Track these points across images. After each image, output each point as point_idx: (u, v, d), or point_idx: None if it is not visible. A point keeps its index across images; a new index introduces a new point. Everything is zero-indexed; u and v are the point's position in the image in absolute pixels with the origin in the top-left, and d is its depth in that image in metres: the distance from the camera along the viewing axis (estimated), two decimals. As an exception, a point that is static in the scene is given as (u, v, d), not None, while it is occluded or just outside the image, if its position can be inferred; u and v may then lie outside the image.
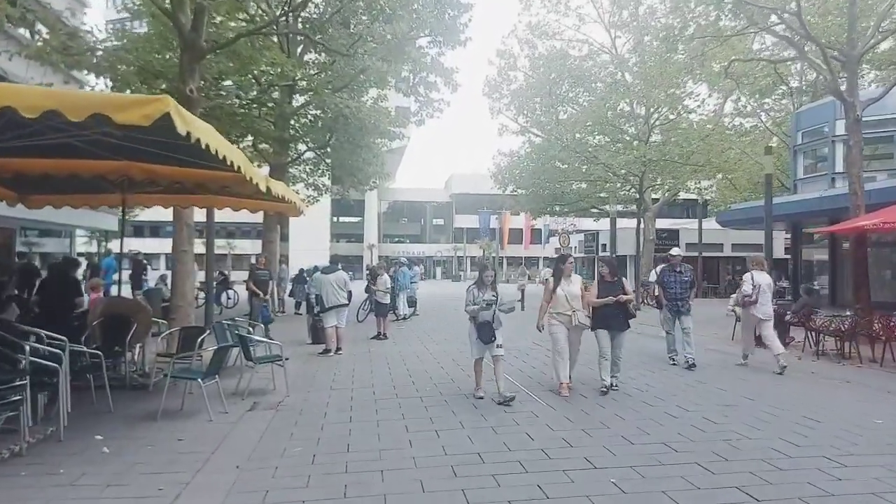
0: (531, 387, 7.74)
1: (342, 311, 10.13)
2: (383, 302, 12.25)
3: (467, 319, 7.15)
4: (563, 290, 7.21)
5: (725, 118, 26.39)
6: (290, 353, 10.13)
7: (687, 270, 9.11)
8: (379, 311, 12.31)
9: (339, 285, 10.09)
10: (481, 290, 6.90)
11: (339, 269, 10.51)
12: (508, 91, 26.60)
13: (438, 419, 5.98)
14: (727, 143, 19.14)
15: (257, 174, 6.06)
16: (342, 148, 17.73)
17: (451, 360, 9.48)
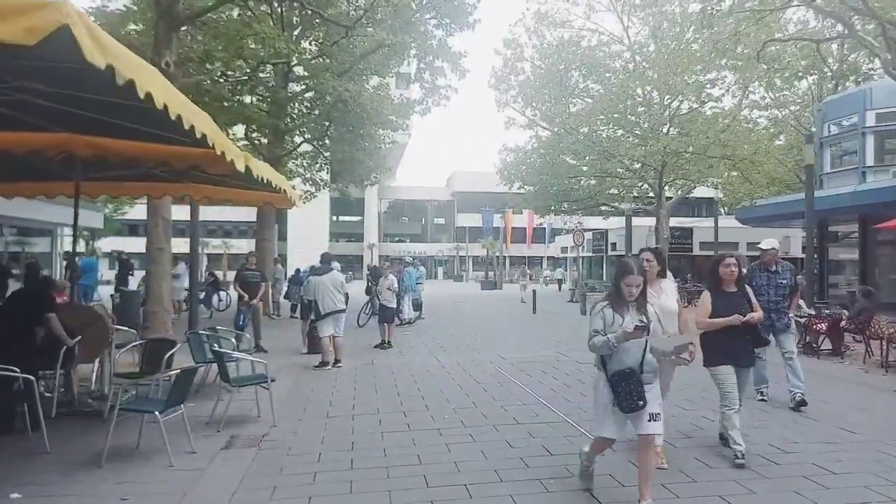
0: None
1: (340, 317, 8.84)
2: (389, 306, 10.94)
3: (483, 326, 5.67)
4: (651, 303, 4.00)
5: (744, 110, 25.11)
6: (283, 366, 8.87)
7: (785, 270, 6.72)
8: (384, 316, 11.00)
9: (335, 287, 8.80)
10: (621, 308, 3.74)
11: (334, 268, 9.20)
12: (516, 82, 25.30)
13: (467, 467, 4.59)
14: (749, 135, 17.81)
15: (233, 149, 4.77)
16: (342, 139, 16.45)
17: (467, 375, 8.17)
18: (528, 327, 14.70)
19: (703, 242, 30.47)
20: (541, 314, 18.89)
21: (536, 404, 6.45)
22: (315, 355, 9.32)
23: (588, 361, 8.93)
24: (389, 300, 10.90)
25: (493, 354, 9.79)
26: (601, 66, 22.01)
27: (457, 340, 11.86)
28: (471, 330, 13.94)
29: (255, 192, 7.74)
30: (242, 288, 10.27)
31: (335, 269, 9.14)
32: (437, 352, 10.28)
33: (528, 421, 5.77)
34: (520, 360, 9.13)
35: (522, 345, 11.12)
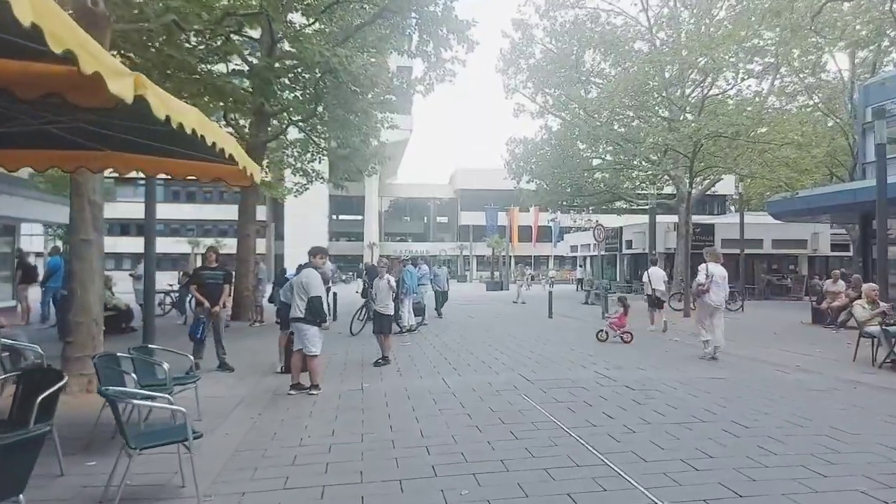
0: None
1: (301, 330, 6.85)
2: (385, 314, 8.92)
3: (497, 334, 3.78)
4: None
5: (770, 99, 23.03)
6: (247, 393, 6.90)
7: None
8: (379, 325, 8.97)
9: (298, 292, 6.85)
10: None
11: (321, 266, 7.19)
12: (526, 65, 23.27)
13: None
14: (792, 118, 15.76)
15: (163, 95, 2.83)
16: (334, 121, 14.48)
17: (486, 409, 6.13)
18: (547, 335, 12.68)
19: (725, 240, 28.41)
20: (557, 319, 16.87)
21: (599, 467, 4.41)
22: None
23: (646, 386, 6.95)
24: (385, 306, 8.89)
25: (513, 375, 7.79)
26: (622, 42, 19.92)
27: (466, 354, 9.84)
28: (481, 340, 11.93)
29: (200, 164, 5.78)
30: (200, 291, 8.26)
31: (317, 267, 7.13)
32: (444, 370, 8.27)
33: (584, 491, 3.76)
34: (550, 384, 7.12)
35: (547, 360, 9.10)
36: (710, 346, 9.35)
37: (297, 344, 6.94)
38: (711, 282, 9.38)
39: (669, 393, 6.67)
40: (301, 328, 6.82)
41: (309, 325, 6.81)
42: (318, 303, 6.81)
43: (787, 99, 25.35)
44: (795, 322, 15.97)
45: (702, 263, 9.76)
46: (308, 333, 6.83)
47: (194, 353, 8.23)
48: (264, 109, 15.23)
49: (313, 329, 6.85)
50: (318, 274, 7.03)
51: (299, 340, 6.90)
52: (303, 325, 6.81)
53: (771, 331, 13.88)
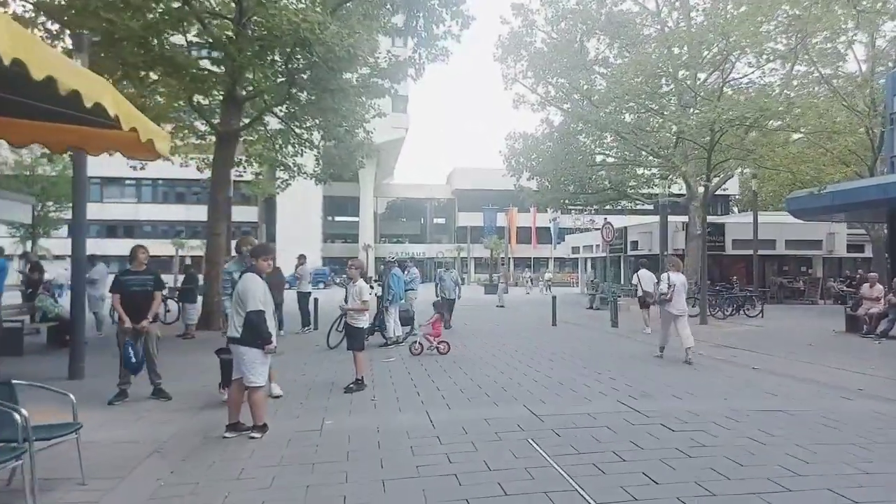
0: None
1: (238, 354, 5.23)
2: (356, 326, 7.28)
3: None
4: None
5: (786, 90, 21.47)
6: (179, 427, 5.31)
7: None
8: (350, 340, 7.35)
9: (235, 304, 5.24)
10: None
11: (257, 269, 5.55)
12: (526, 52, 21.68)
13: None
14: (819, 104, 14.15)
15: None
16: (312, 105, 12.90)
17: (481, 464, 4.48)
18: (553, 349, 11.08)
19: (736, 240, 26.86)
20: (563, 327, 15.26)
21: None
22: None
23: (689, 425, 5.33)
24: (357, 318, 7.25)
25: (517, 407, 6.16)
26: (631, 25, 18.33)
27: (459, 375, 8.22)
28: (478, 355, 10.32)
29: (84, 128, 4.19)
30: (125, 303, 6.61)
31: (261, 273, 5.49)
32: (430, 399, 6.63)
33: None
34: (565, 423, 5.49)
35: (557, 384, 7.48)
36: (658, 349, 9.97)
37: (237, 371, 5.33)
38: (674, 290, 9.60)
39: (723, 437, 5.06)
40: (238, 351, 5.20)
41: (247, 347, 5.20)
42: (257, 320, 5.20)
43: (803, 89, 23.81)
44: (826, 330, 14.38)
45: (664, 273, 10.10)
46: (246, 358, 5.20)
47: (121, 378, 6.66)
48: (236, 94, 13.66)
49: (253, 353, 5.22)
50: (262, 281, 5.41)
51: (240, 367, 5.29)
52: (240, 347, 5.19)
53: (803, 341, 12.30)
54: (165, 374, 7.02)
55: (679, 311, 9.67)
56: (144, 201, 53.81)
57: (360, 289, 7.23)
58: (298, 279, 13.91)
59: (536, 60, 21.58)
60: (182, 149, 18.13)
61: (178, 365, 8.16)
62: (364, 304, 7.18)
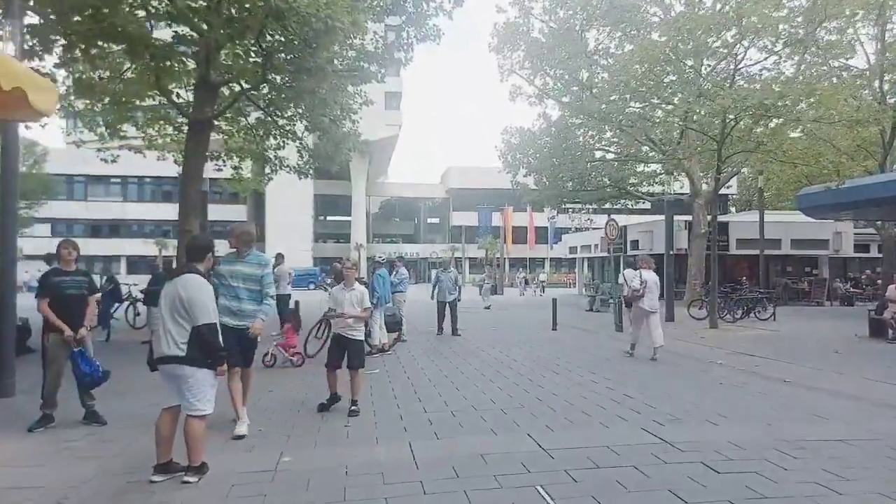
0: None
1: (180, 377, 4.05)
2: (356, 338, 5.98)
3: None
4: None
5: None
6: (102, 464, 4.19)
7: None
8: (351, 357, 5.97)
9: (172, 312, 4.09)
10: None
11: (204, 269, 4.42)
12: (524, 42, 20.62)
13: None
14: (838, 95, 13.12)
15: None
16: (289, 87, 11.79)
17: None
18: (557, 357, 10.02)
19: (740, 239, 25.89)
20: (564, 332, 14.20)
21: None
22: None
23: (736, 464, 4.19)
24: (356, 327, 6.06)
25: (519, 437, 5.05)
26: (636, 9, 17.27)
27: (450, 392, 7.12)
28: (472, 366, 9.23)
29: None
30: (56, 308, 5.48)
31: (206, 274, 4.39)
32: (413, 425, 5.52)
33: None
34: (582, 462, 4.39)
35: (567, 405, 6.39)
36: (629, 346, 10.00)
37: (170, 397, 4.21)
38: (645, 287, 9.77)
39: (785, 483, 3.97)
40: (181, 373, 4.07)
41: (195, 366, 4.08)
42: (211, 334, 4.10)
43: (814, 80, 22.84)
44: (847, 335, 13.40)
45: (630, 269, 10.55)
46: (193, 381, 4.07)
47: (45, 401, 5.59)
48: (209, 78, 12.52)
49: (202, 373, 4.11)
50: (209, 285, 4.30)
51: (174, 391, 4.16)
52: (184, 367, 4.07)
53: (827, 348, 11.29)
54: (110, 389, 5.94)
55: (651, 307, 9.80)
56: (130, 200, 52.39)
57: (362, 294, 6.10)
58: (276, 280, 12.75)
59: (534, 50, 20.54)
60: (157, 143, 16.98)
61: (126, 379, 7.01)
62: (366, 312, 6.16)
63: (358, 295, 6.04)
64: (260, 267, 5.40)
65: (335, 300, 6.10)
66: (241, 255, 5.43)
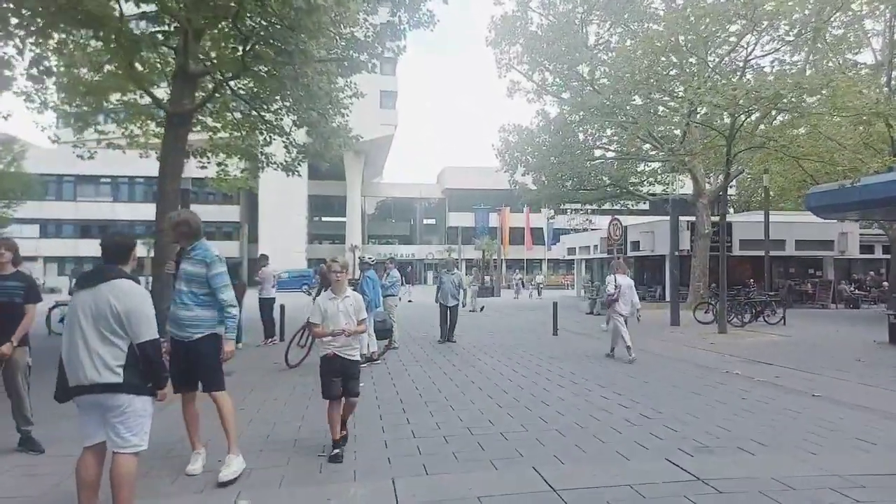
0: None
1: (113, 407, 3.23)
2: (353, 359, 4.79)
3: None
4: None
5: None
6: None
7: None
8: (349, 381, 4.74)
9: (97, 325, 3.24)
10: None
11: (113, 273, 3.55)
12: (522, 34, 19.89)
13: None
14: (853, 87, 12.41)
15: None
16: (272, 76, 11.03)
17: None
18: (561, 366, 9.27)
19: (743, 240, 25.18)
20: (565, 336, 13.45)
21: None
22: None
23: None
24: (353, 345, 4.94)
25: (524, 472, 4.25)
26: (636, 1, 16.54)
27: (443, 411, 6.34)
28: (468, 377, 8.46)
29: None
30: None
31: (117, 276, 3.61)
32: (402, 456, 4.72)
33: None
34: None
35: (576, 426, 5.63)
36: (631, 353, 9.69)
37: (93, 433, 3.40)
38: (619, 292, 9.95)
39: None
40: (115, 403, 3.24)
41: (133, 394, 3.30)
42: (155, 353, 3.33)
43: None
44: (864, 341, 12.71)
45: (610, 276, 10.56)
46: (129, 411, 3.26)
47: (17, 422, 4.91)
48: (188, 68, 11.74)
49: (140, 402, 3.32)
50: (146, 292, 3.51)
51: (98, 424, 3.36)
52: (118, 396, 3.26)
53: (847, 356, 10.59)
54: (55, 408, 5.11)
55: (625, 312, 9.97)
56: (121, 200, 51.37)
57: (357, 302, 4.83)
58: (261, 282, 11.99)
59: (532, 44, 19.82)
60: (139, 141, 16.17)
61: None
62: (363, 325, 4.91)
63: (353, 304, 4.77)
64: (203, 265, 4.28)
65: (324, 313, 4.69)
66: (186, 252, 4.45)
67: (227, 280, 4.36)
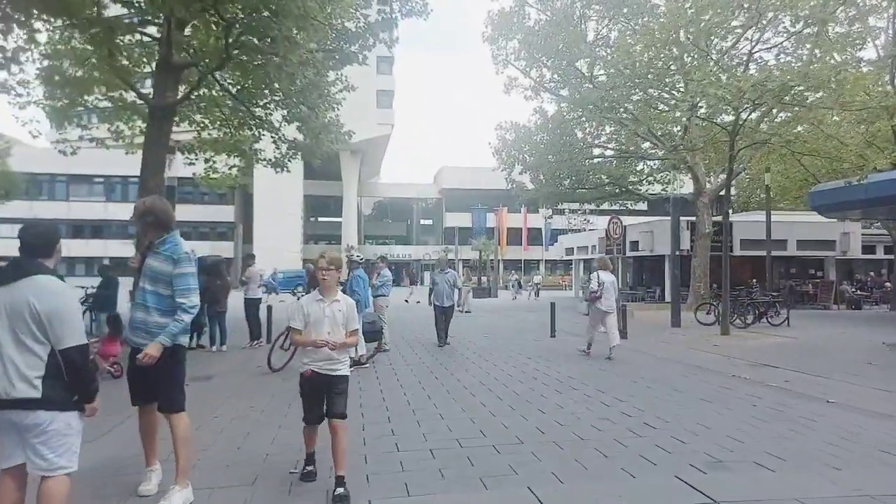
0: None
1: (32, 427, 2.75)
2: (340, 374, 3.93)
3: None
4: None
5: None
6: None
7: None
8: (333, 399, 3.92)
9: (16, 330, 2.75)
10: None
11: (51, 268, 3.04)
12: (519, 29, 19.46)
13: None
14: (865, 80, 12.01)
15: None
16: (257, 67, 10.58)
17: None
18: (559, 371, 8.82)
19: (744, 240, 24.76)
20: (563, 339, 13.00)
21: None
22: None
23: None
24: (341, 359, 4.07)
25: (519, 493, 3.78)
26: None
27: (433, 422, 5.89)
28: (462, 383, 8.00)
29: None
30: None
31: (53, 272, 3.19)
32: (382, 474, 4.25)
33: None
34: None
35: (578, 443, 5.18)
36: (586, 346, 10.13)
37: (10, 454, 2.91)
38: (603, 288, 9.97)
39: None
40: (35, 421, 2.76)
41: (56, 410, 2.82)
42: (83, 361, 2.86)
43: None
44: (872, 343, 12.30)
45: (594, 272, 10.52)
46: (52, 430, 2.78)
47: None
48: (171, 59, 11.30)
49: (65, 418, 2.84)
50: (72, 291, 3.05)
51: (16, 444, 2.88)
52: (40, 413, 2.78)
53: (857, 359, 10.19)
54: None
55: (608, 308, 10.01)
56: (114, 200, 50.76)
57: (349, 309, 4.01)
58: (246, 282, 11.54)
59: (530, 39, 19.38)
60: (125, 136, 15.73)
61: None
62: (354, 336, 4.12)
63: (344, 310, 3.94)
64: (171, 262, 3.72)
65: (306, 317, 3.88)
66: (154, 245, 3.84)
67: (191, 283, 3.75)
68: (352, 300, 4.11)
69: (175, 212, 4.16)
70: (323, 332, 3.81)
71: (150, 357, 3.57)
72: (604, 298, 9.96)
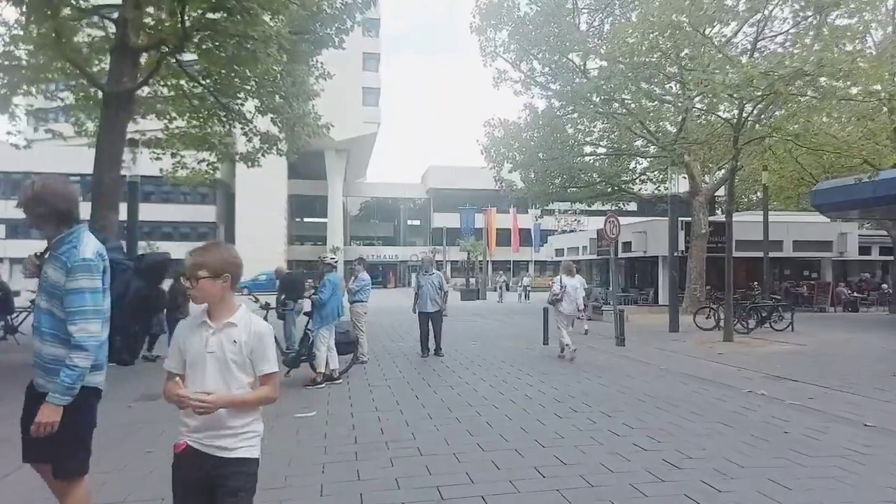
0: None
1: None
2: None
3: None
4: None
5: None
6: None
7: None
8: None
9: None
10: None
11: None
12: (509, 19, 18.56)
13: None
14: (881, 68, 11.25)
15: None
16: (218, 48, 9.55)
17: None
18: (555, 388, 7.90)
19: (739, 241, 24.03)
20: (556, 346, 12.07)
21: None
22: None
23: None
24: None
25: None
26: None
27: (408, 459, 4.92)
28: (446, 405, 7.05)
29: None
30: None
31: None
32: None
33: None
34: None
35: (587, 484, 4.24)
36: (569, 351, 9.96)
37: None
38: (564, 292, 10.26)
39: None
40: None
41: None
42: None
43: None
44: (886, 350, 11.57)
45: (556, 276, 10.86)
46: None
47: None
48: (128, 42, 10.25)
49: None
50: None
51: None
52: None
53: (877, 368, 9.45)
54: None
55: (569, 311, 10.35)
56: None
57: (260, 338, 2.24)
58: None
59: (520, 29, 18.49)
60: (88, 130, 14.59)
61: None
62: (267, 389, 2.26)
63: (243, 340, 2.19)
64: (64, 271, 2.65)
65: (182, 351, 2.22)
66: (53, 246, 2.75)
67: (88, 303, 2.62)
68: (264, 325, 2.29)
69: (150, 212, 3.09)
70: (203, 377, 2.17)
71: (44, 426, 2.53)
72: (565, 302, 10.27)
